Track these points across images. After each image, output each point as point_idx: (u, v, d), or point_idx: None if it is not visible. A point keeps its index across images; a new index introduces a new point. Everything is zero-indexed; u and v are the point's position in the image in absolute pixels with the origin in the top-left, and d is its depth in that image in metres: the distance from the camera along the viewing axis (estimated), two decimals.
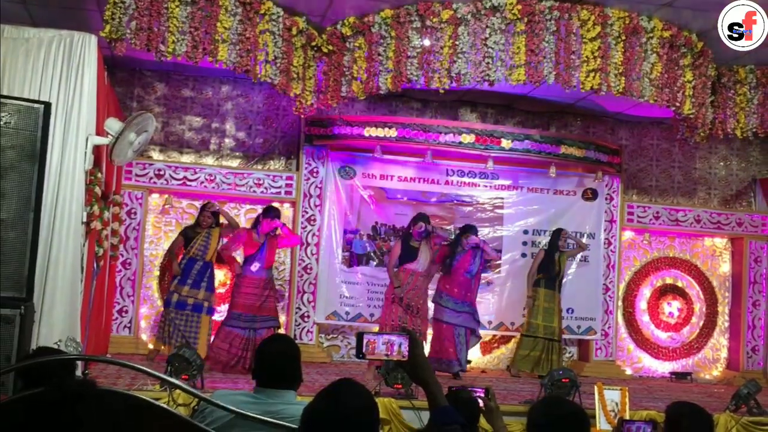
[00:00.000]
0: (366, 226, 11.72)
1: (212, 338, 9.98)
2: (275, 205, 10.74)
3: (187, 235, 10.23)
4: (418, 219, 10.35)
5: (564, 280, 11.50)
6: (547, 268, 11.15)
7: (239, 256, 10.19)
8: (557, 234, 11.32)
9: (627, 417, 7.55)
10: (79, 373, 6.89)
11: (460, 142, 11.16)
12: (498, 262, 11.95)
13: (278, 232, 9.91)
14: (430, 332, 10.71)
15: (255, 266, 9.72)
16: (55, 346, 6.54)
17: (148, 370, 3.75)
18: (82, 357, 5.47)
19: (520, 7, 9.17)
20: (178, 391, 6.97)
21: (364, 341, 2.94)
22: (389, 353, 2.95)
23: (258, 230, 9.81)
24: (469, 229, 10.76)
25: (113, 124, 7.86)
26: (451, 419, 2.84)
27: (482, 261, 10.80)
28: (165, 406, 3.52)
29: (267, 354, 3.84)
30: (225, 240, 10.21)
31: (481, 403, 4.52)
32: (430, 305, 10.79)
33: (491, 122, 12.20)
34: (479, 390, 4.55)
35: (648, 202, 12.66)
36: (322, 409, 2.67)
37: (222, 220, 10.37)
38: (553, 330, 11.04)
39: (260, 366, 3.83)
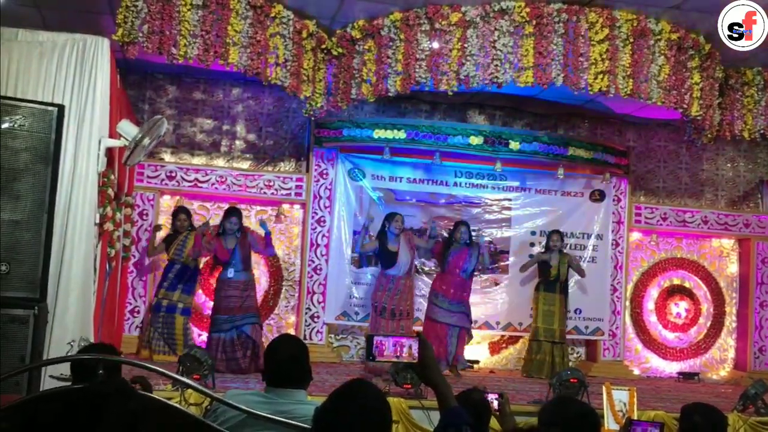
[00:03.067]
0: (375, 228, 11.74)
1: (191, 337, 10.41)
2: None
3: (168, 240, 10.51)
4: (392, 216, 10.57)
5: (571, 281, 11.59)
6: (543, 271, 11.29)
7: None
8: (549, 235, 11.46)
9: (635, 417, 7.59)
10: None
11: (469, 144, 11.20)
12: (506, 263, 12.01)
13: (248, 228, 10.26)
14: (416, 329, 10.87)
15: (230, 272, 9.83)
16: (68, 347, 6.62)
17: (163, 370, 3.81)
18: (95, 357, 5.53)
19: (528, 9, 9.22)
20: (189, 390, 7.04)
21: (374, 343, 2.97)
22: (399, 355, 2.99)
23: (226, 236, 9.94)
24: (460, 224, 10.94)
25: (127, 128, 7.94)
26: (461, 420, 2.87)
27: (479, 261, 10.89)
28: (178, 406, 3.57)
29: (276, 354, 3.88)
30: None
31: (495, 405, 4.56)
32: (422, 302, 10.95)
33: (499, 124, 12.27)
34: (494, 394, 4.61)
35: (655, 204, 12.71)
36: (336, 409, 2.73)
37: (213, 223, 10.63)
38: (553, 332, 11.08)
39: (269, 366, 3.87)
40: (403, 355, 2.98)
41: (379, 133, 11.13)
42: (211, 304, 10.24)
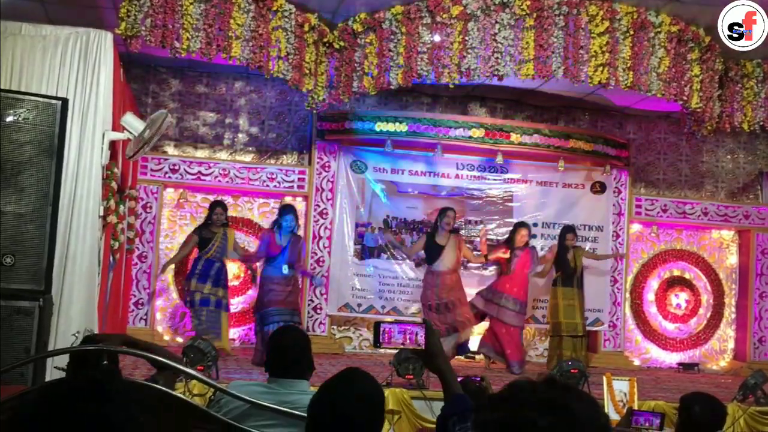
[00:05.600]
0: (377, 220, 11.83)
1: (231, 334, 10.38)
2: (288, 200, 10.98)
3: (202, 236, 10.30)
4: (447, 209, 10.64)
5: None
6: (561, 267, 11.22)
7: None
8: (564, 233, 11.35)
9: (635, 407, 7.65)
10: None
11: (470, 137, 11.25)
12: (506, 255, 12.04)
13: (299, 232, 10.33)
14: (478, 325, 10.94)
15: (284, 268, 9.90)
16: (73, 338, 6.68)
17: (167, 361, 3.85)
18: (98, 348, 5.56)
19: (529, 2, 9.24)
20: (193, 381, 7.10)
21: (381, 330, 2.94)
22: (406, 342, 2.98)
23: (281, 232, 9.97)
24: (520, 225, 11.01)
25: (131, 121, 7.99)
26: (466, 406, 2.88)
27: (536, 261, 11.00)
28: (182, 396, 3.63)
29: (278, 345, 3.94)
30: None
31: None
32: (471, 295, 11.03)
33: (500, 117, 12.30)
34: (476, 377, 4.56)
35: (656, 195, 12.75)
36: (332, 396, 2.79)
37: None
38: (576, 326, 11.00)
39: (272, 357, 3.92)
40: (410, 342, 2.96)
41: (380, 126, 11.18)
42: None
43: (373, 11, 9.70)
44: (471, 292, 11.22)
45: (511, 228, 11.36)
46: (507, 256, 10.83)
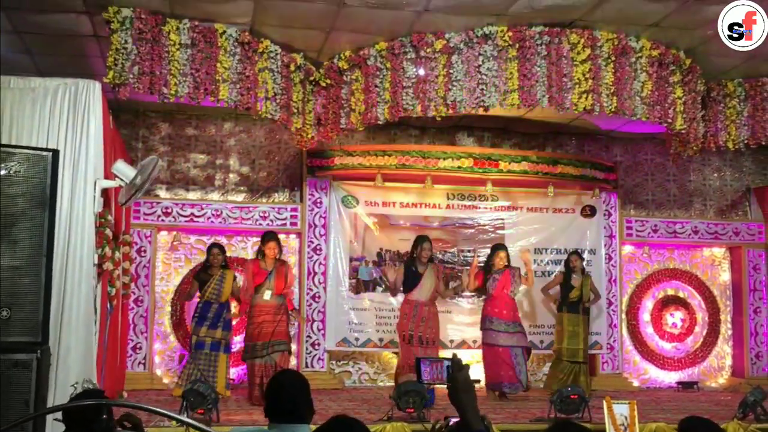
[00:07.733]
0: (371, 253, 11.89)
1: (230, 373, 10.27)
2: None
3: (201, 279, 10.32)
4: (423, 240, 10.59)
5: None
6: (566, 293, 11.17)
7: None
8: (568, 257, 11.32)
9: (636, 431, 7.66)
10: None
11: (459, 167, 11.37)
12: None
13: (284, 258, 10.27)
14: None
15: (267, 294, 9.82)
16: (72, 389, 6.70)
17: (164, 411, 3.84)
18: (98, 401, 5.53)
19: (510, 33, 9.32)
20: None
21: (423, 367, 3.11)
22: (442, 377, 3.09)
23: (265, 259, 9.97)
24: (498, 248, 10.97)
25: (122, 168, 8.03)
26: None
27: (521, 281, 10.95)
28: None
29: (276, 390, 3.93)
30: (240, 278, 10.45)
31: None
32: (477, 333, 11.04)
33: (488, 146, 12.41)
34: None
35: (646, 216, 12.85)
36: None
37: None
38: (576, 352, 10.99)
39: (271, 402, 3.91)
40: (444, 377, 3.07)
41: (370, 160, 11.29)
42: None
43: (357, 48, 9.78)
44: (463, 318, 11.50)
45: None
46: (477, 284, 10.92)
